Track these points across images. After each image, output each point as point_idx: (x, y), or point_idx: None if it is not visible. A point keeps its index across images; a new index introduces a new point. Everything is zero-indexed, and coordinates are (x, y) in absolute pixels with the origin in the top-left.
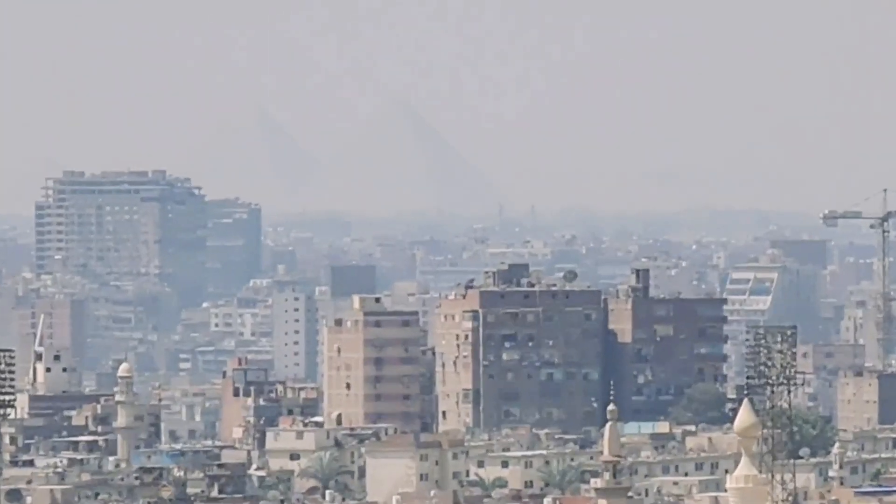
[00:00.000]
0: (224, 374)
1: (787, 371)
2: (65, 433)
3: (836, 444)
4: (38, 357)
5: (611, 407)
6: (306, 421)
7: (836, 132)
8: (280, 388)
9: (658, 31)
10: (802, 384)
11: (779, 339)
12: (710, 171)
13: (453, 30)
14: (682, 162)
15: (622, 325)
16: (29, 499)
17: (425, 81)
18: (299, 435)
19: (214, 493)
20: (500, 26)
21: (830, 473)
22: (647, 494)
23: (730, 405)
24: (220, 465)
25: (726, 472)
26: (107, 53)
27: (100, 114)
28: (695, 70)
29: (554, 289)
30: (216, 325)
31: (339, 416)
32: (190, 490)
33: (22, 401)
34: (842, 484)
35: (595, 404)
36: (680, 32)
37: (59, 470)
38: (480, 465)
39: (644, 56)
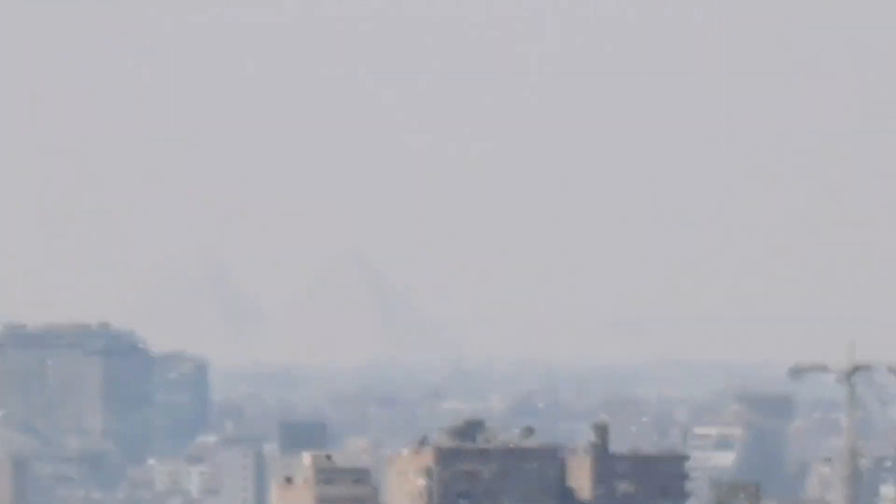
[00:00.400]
0: None
1: None
2: None
3: None
4: None
5: None
6: None
7: (802, 283)
8: None
9: (613, 179)
10: None
11: (743, 496)
12: (672, 323)
13: (406, 178)
14: (642, 313)
15: (581, 481)
16: None
17: (375, 229)
18: None
19: None
20: (454, 171)
21: None
22: None
23: None
24: None
25: None
26: (46, 201)
27: (41, 264)
28: (654, 218)
29: (511, 445)
30: (162, 482)
31: None
32: None
33: None
34: None
35: None
36: (635, 180)
37: None
38: None
39: (600, 205)
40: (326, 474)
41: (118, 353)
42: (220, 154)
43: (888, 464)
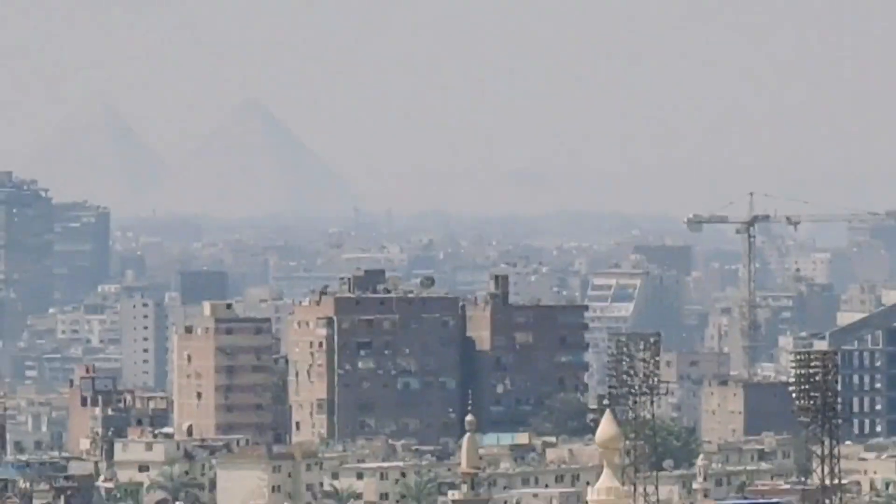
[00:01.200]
0: (71, 382)
1: (650, 380)
2: None
3: (701, 456)
4: None
5: (469, 417)
6: (156, 432)
7: (702, 134)
8: (129, 397)
9: (519, 28)
10: (666, 394)
11: (641, 346)
12: (571, 173)
13: (305, 27)
14: (542, 163)
15: (481, 332)
16: None
17: (277, 80)
18: (148, 446)
19: None
20: (353, 21)
21: (694, 486)
22: None
23: (591, 415)
24: (66, 477)
25: (588, 484)
26: None
27: None
28: (556, 67)
29: (411, 295)
30: (63, 331)
31: (190, 426)
32: (36, 502)
33: None
34: (706, 496)
35: (453, 414)
36: (542, 30)
37: None
38: (335, 476)
39: (502, 54)
40: (227, 324)
41: (20, 201)
42: (122, 3)
43: (786, 314)
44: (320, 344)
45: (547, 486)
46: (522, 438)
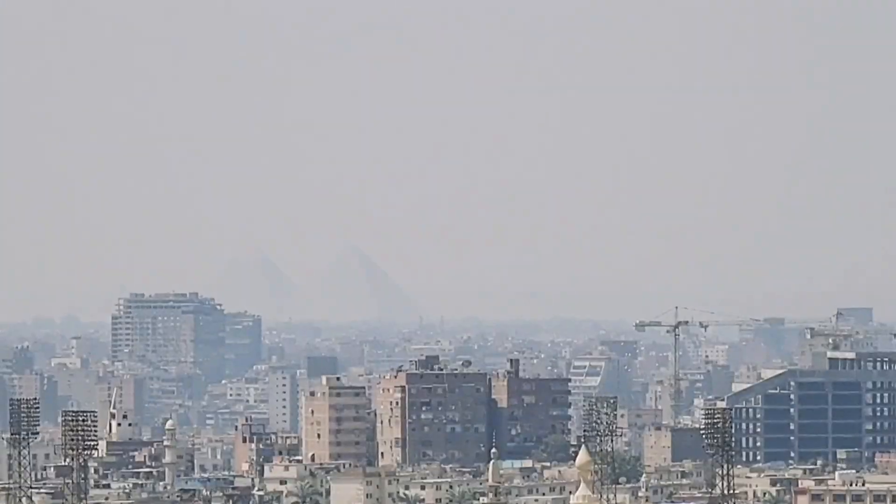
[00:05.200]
0: (236, 427)
1: (610, 426)
2: (130, 466)
3: (643, 475)
4: (113, 416)
5: (493, 450)
6: (291, 459)
7: (647, 266)
8: (273, 437)
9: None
10: (620, 435)
11: (605, 405)
12: (560, 292)
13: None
14: (541, 285)
15: (501, 395)
16: None
17: (374, 229)
18: (286, 468)
19: None
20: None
21: (640, 494)
22: None
23: (573, 449)
24: (233, 488)
25: (570, 493)
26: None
27: (154, 247)
28: (549, 211)
29: (455, 372)
30: (230, 395)
31: (313, 455)
32: None
33: (102, 446)
34: (647, 501)
35: (483, 448)
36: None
37: (127, 491)
38: (407, 488)
39: (520, 211)
40: (337, 390)
41: (203, 312)
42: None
43: (699, 385)
44: (397, 403)
45: (544, 494)
46: (528, 464)
